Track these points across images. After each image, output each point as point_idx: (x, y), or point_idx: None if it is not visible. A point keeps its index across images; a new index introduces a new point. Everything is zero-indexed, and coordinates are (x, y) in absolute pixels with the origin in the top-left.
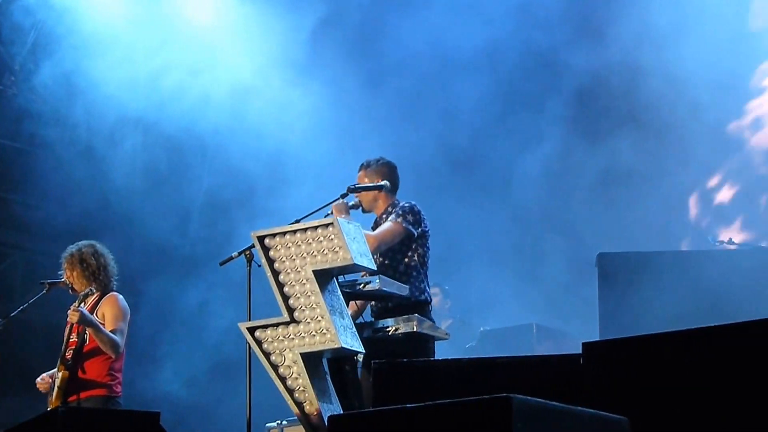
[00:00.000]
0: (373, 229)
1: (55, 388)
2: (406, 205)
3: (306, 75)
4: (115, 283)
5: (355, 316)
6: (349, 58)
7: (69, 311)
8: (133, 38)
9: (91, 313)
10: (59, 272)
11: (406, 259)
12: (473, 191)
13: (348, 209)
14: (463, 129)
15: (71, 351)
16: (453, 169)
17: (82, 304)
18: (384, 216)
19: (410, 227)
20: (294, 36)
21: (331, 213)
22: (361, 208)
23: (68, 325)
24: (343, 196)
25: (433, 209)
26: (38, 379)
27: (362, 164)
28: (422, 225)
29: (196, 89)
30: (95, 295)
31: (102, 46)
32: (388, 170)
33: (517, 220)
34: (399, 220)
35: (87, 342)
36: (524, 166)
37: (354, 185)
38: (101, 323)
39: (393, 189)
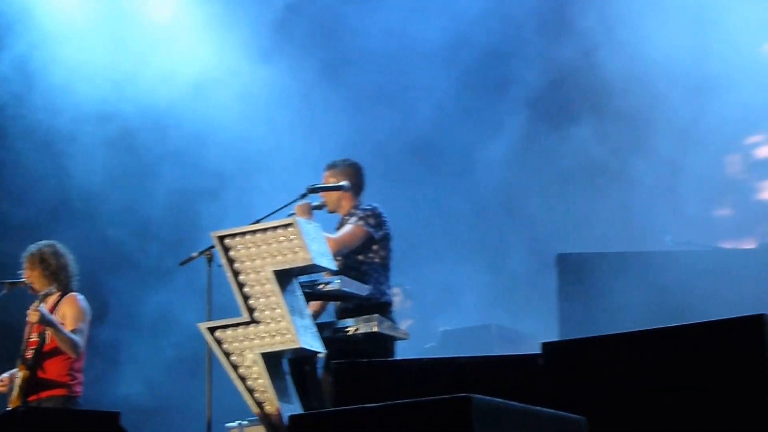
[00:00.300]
0: (337, 230)
1: (15, 388)
2: (368, 207)
3: (268, 63)
4: (75, 283)
5: (315, 316)
6: (311, 47)
7: (29, 311)
8: (93, 30)
9: (51, 313)
10: (19, 272)
11: (368, 261)
12: (434, 183)
13: (311, 210)
14: (425, 120)
15: (31, 351)
16: (414, 160)
17: (42, 304)
18: (347, 217)
19: (371, 230)
20: (256, 24)
21: (294, 213)
22: (326, 208)
23: (28, 325)
24: (303, 195)
25: (395, 200)
26: None
27: (328, 164)
28: (384, 227)
29: (157, 80)
30: (55, 295)
31: (61, 38)
32: (354, 171)
33: (479, 214)
34: (360, 223)
35: (47, 342)
36: (487, 158)
37: (314, 185)
38: (61, 323)
39: (358, 190)
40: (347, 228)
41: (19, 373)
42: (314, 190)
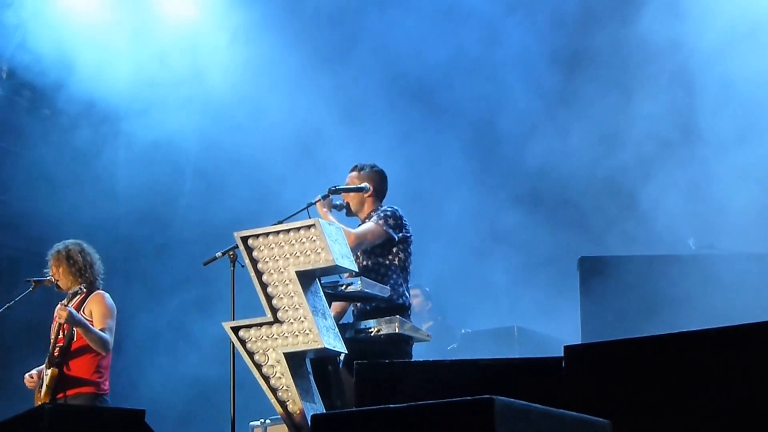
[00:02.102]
0: None
1: (44, 386)
2: (388, 209)
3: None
4: (101, 281)
5: (338, 318)
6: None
7: (57, 309)
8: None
9: (78, 311)
10: (45, 270)
11: (387, 263)
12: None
13: (331, 207)
14: (469, 110)
15: (59, 348)
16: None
17: (69, 303)
18: (367, 220)
19: (390, 230)
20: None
21: (315, 203)
22: (345, 210)
23: (55, 323)
24: (325, 197)
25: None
26: (26, 375)
27: (355, 166)
28: (404, 230)
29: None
30: (82, 293)
31: (82, 42)
32: (378, 177)
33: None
34: (380, 222)
35: (75, 339)
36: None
37: (335, 186)
38: (89, 321)
39: (380, 195)
40: (367, 225)
41: (47, 371)
42: (336, 191)
